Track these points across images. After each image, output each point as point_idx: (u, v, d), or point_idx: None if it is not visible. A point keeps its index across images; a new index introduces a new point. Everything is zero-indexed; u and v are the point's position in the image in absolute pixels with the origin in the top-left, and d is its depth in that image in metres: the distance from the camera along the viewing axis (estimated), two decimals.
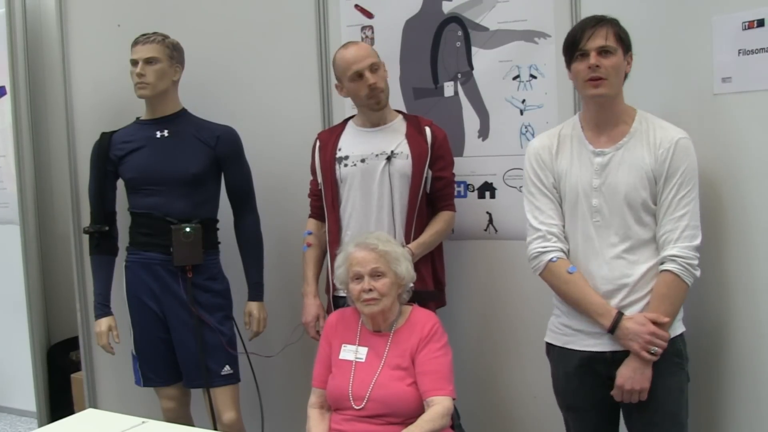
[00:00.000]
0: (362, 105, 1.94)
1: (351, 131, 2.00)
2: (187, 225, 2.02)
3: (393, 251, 1.77)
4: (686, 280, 1.52)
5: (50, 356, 2.90)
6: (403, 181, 1.93)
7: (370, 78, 1.88)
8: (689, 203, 1.52)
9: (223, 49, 2.31)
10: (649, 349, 1.51)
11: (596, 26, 1.55)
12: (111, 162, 2.11)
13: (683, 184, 1.52)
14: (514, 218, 2.10)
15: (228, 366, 2.08)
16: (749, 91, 1.57)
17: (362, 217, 1.94)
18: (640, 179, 1.55)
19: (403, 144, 1.94)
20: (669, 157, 1.53)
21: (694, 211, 1.53)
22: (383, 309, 1.74)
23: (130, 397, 2.30)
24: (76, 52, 2.44)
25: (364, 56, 1.90)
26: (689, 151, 1.54)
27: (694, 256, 1.52)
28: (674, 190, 1.53)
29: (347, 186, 1.95)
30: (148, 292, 2.08)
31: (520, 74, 2.06)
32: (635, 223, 1.56)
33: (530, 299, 2.09)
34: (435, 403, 1.67)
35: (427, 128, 1.97)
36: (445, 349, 1.75)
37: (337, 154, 1.96)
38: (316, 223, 2.04)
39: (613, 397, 1.58)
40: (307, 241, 2.03)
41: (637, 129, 1.58)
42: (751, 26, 1.56)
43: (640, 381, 1.54)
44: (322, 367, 1.82)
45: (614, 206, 1.56)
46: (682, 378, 1.59)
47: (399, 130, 1.97)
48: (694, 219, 1.53)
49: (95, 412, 1.85)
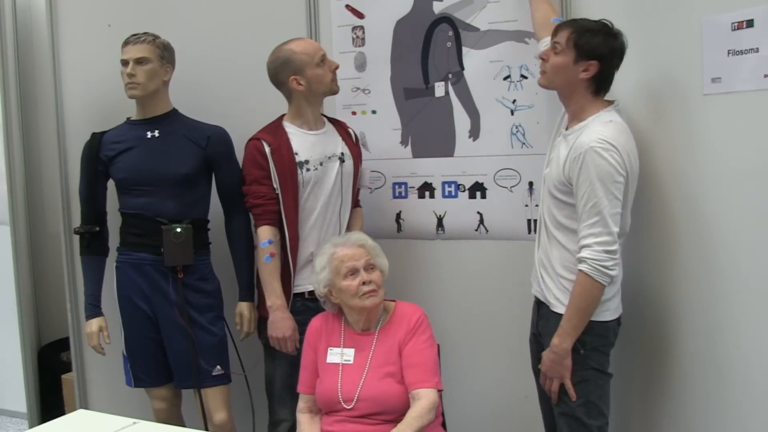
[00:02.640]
0: (322, 92, 2.00)
1: (297, 134, 2.01)
2: (177, 225, 2.02)
3: (376, 246, 1.81)
4: (599, 280, 1.58)
5: (41, 357, 2.89)
6: (348, 182, 2.03)
7: (334, 62, 1.96)
8: (599, 212, 1.57)
9: (213, 49, 2.30)
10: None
11: (562, 26, 1.66)
12: (101, 162, 2.10)
13: (592, 194, 1.57)
14: (504, 218, 2.11)
15: (219, 366, 2.08)
16: (738, 91, 1.58)
17: (321, 218, 1.99)
18: (558, 176, 1.65)
19: (344, 146, 2.04)
20: (579, 166, 1.58)
21: (608, 215, 1.56)
22: (380, 301, 1.75)
23: (121, 398, 2.29)
24: (66, 52, 2.43)
25: (317, 45, 2.03)
26: (597, 160, 1.56)
27: (607, 258, 1.57)
28: (584, 198, 1.58)
29: (308, 189, 1.98)
30: (139, 292, 2.07)
31: (510, 74, 2.06)
32: (556, 209, 1.68)
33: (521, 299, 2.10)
34: (420, 397, 1.67)
35: (351, 130, 2.11)
36: (431, 341, 1.77)
37: (297, 158, 1.98)
38: (272, 229, 1.96)
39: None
40: (270, 251, 1.94)
41: (581, 127, 1.64)
42: (740, 27, 1.57)
43: (558, 370, 1.66)
44: (307, 372, 1.82)
45: (545, 191, 1.71)
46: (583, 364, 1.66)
47: (333, 131, 2.07)
48: (606, 226, 1.57)
49: (86, 413, 1.85)
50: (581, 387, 1.66)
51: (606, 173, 1.56)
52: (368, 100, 2.22)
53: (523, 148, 2.08)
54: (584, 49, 1.62)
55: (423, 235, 2.22)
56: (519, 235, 2.10)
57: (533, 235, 2.08)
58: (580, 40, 1.62)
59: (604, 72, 1.64)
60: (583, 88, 1.65)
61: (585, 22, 1.67)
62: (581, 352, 1.65)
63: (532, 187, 2.08)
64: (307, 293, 1.99)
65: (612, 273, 1.59)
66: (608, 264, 1.58)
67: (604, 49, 1.62)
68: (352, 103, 2.20)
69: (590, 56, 1.62)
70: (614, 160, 1.56)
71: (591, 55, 1.62)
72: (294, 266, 1.99)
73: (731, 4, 1.58)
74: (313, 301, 1.93)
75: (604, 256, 1.57)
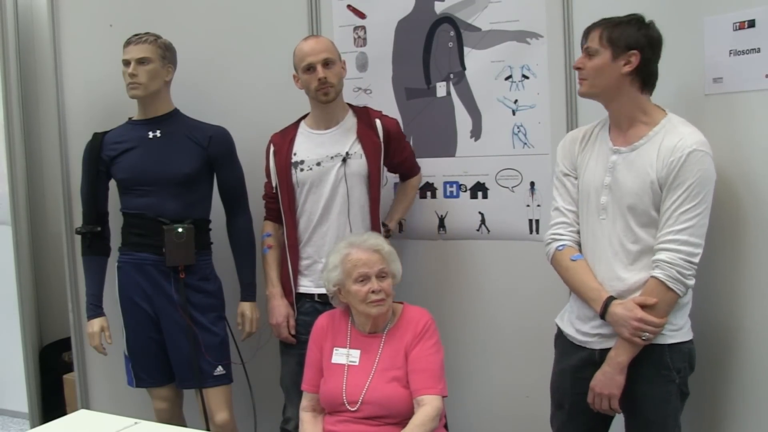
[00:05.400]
0: (312, 97, 1.98)
1: (304, 134, 2.02)
2: (179, 225, 2.02)
3: (392, 251, 1.79)
4: (674, 288, 1.49)
5: (42, 357, 2.89)
6: (360, 181, 1.98)
7: (320, 72, 1.92)
8: (692, 218, 1.47)
9: (215, 49, 2.30)
10: (639, 335, 1.50)
11: (590, 29, 1.57)
12: (103, 162, 2.10)
13: (688, 198, 1.46)
14: (506, 218, 2.11)
15: (221, 366, 2.08)
16: (740, 91, 1.58)
17: (320, 219, 1.98)
18: (644, 186, 1.51)
19: (356, 144, 1.98)
20: (677, 167, 1.47)
21: (697, 226, 1.47)
22: (387, 310, 1.74)
23: (123, 398, 2.29)
24: (68, 52, 2.43)
25: (319, 50, 1.93)
26: (702, 164, 1.47)
27: (688, 266, 1.48)
28: (677, 202, 1.47)
29: (304, 190, 1.98)
30: (141, 292, 2.07)
31: (512, 74, 2.06)
32: (638, 227, 1.53)
33: (523, 299, 2.10)
34: (424, 403, 1.67)
35: (378, 120, 2.02)
36: (437, 347, 1.76)
37: (293, 158, 1.99)
38: (274, 224, 2.08)
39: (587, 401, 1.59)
40: (267, 243, 2.06)
41: (657, 132, 1.53)
42: (742, 27, 1.57)
43: (609, 386, 1.54)
44: (312, 371, 1.82)
45: (619, 207, 1.55)
46: (670, 389, 1.55)
47: (350, 129, 2.00)
48: (694, 235, 1.47)
49: (87, 413, 1.85)
50: (673, 416, 1.54)
51: (706, 182, 1.47)
52: (370, 100, 2.22)
53: (524, 148, 2.08)
54: (620, 42, 1.52)
55: (424, 235, 2.22)
56: (520, 235, 2.10)
57: (535, 235, 2.08)
58: (614, 34, 1.52)
59: (647, 62, 1.53)
60: (629, 84, 1.54)
61: (612, 18, 1.56)
62: (676, 382, 1.54)
63: (533, 187, 2.08)
64: (317, 295, 1.99)
65: (690, 284, 1.49)
66: (687, 273, 1.48)
67: (640, 38, 1.52)
68: (353, 103, 2.20)
69: (628, 47, 1.52)
70: (713, 168, 1.48)
71: (629, 46, 1.51)
72: (294, 266, 2.00)
73: (732, 5, 1.59)
74: (323, 304, 1.95)
75: (685, 263, 1.47)
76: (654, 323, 1.50)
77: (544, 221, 2.06)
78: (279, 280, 2.03)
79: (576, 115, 2.00)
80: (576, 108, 2.00)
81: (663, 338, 1.54)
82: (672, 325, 1.54)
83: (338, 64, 1.97)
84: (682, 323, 1.56)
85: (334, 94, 1.95)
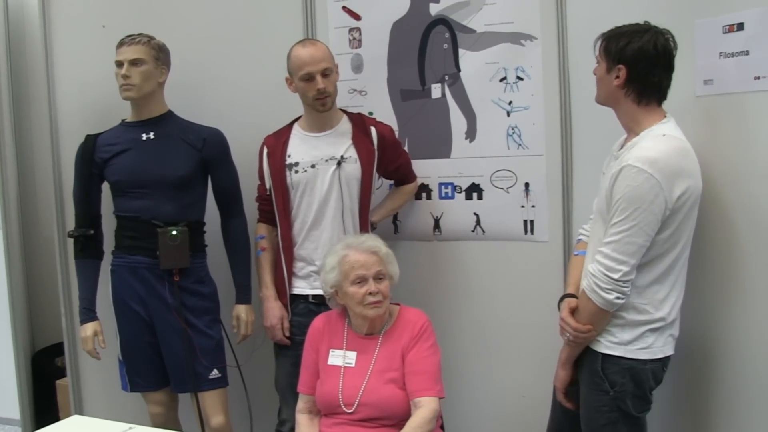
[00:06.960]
0: (308, 104, 1.98)
1: (298, 136, 2.02)
2: (173, 228, 2.01)
3: (389, 253, 1.79)
4: (592, 299, 1.49)
5: (35, 362, 2.86)
6: (353, 185, 1.98)
7: (320, 82, 1.91)
8: (616, 234, 1.46)
9: (209, 50, 2.29)
10: (563, 334, 1.58)
11: (599, 36, 1.58)
12: (96, 165, 2.08)
13: (616, 214, 1.47)
14: (501, 219, 2.12)
15: (216, 370, 2.07)
16: (730, 93, 1.60)
17: (314, 221, 1.98)
18: (606, 194, 1.53)
19: (351, 148, 1.99)
20: (613, 181, 1.49)
21: (621, 243, 1.45)
22: (384, 311, 1.74)
23: (117, 403, 2.27)
24: (59, 53, 2.41)
25: (319, 59, 1.91)
26: (632, 180, 1.44)
27: (606, 281, 1.46)
28: (610, 215, 1.49)
29: (299, 192, 1.98)
30: (135, 296, 2.06)
31: (506, 76, 2.07)
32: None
33: (518, 299, 2.11)
34: (421, 405, 1.67)
35: (373, 128, 2.03)
36: (434, 348, 1.76)
37: (287, 160, 1.99)
38: (267, 227, 2.08)
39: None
40: (260, 245, 2.07)
41: (634, 143, 1.52)
42: (731, 30, 1.59)
43: (555, 379, 1.64)
44: (308, 373, 1.82)
45: (599, 211, 1.59)
46: (602, 399, 1.53)
47: (345, 133, 2.01)
48: (617, 251, 1.45)
49: (81, 419, 1.83)
50: (608, 429, 1.53)
51: (635, 199, 1.44)
52: (365, 101, 2.22)
53: (519, 149, 2.09)
54: (611, 54, 1.52)
55: (420, 236, 2.22)
56: (515, 236, 2.11)
57: (529, 235, 2.09)
58: (609, 46, 1.52)
59: (640, 76, 1.50)
60: (623, 96, 1.52)
61: (616, 28, 1.55)
62: (610, 394, 1.52)
63: (528, 188, 2.09)
64: (311, 296, 1.99)
65: (607, 297, 1.47)
66: (604, 287, 1.47)
67: (627, 51, 1.49)
68: (348, 104, 2.20)
69: (616, 61, 1.51)
70: (648, 186, 1.42)
71: (616, 60, 1.51)
72: (288, 268, 1.99)
73: (722, 8, 1.60)
74: (317, 305, 1.94)
75: (603, 277, 1.47)
76: (572, 326, 1.55)
77: (539, 222, 2.08)
78: (273, 282, 2.03)
79: (570, 116, 2.02)
80: (570, 109, 2.01)
81: (597, 345, 1.55)
82: (613, 337, 1.53)
83: (335, 71, 1.97)
84: (629, 339, 1.52)
85: (331, 104, 1.96)
